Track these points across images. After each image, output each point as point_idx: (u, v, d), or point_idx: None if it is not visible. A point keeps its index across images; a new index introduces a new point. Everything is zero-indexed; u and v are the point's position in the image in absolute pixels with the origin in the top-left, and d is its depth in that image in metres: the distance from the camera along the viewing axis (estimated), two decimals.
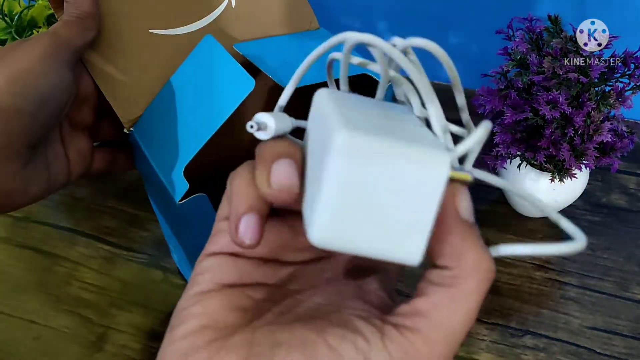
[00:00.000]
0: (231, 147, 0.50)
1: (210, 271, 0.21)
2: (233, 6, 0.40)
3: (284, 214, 0.23)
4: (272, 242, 0.22)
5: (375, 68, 0.22)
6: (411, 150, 0.17)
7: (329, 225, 0.18)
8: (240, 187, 0.20)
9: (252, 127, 0.21)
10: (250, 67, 0.37)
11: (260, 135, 0.21)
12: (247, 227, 0.20)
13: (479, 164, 0.50)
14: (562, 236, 0.54)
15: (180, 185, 0.34)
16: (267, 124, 0.21)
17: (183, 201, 0.34)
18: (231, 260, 0.21)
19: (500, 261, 0.51)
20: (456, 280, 0.18)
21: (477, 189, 0.57)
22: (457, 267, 0.18)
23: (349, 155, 0.17)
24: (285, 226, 0.23)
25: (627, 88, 0.44)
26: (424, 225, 0.18)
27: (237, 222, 0.20)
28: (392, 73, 0.21)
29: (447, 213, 0.18)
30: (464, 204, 0.19)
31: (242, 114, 0.35)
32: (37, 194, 0.35)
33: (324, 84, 0.23)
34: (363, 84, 0.46)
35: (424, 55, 0.20)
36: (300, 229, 0.22)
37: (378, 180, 0.17)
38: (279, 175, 0.19)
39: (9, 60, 0.32)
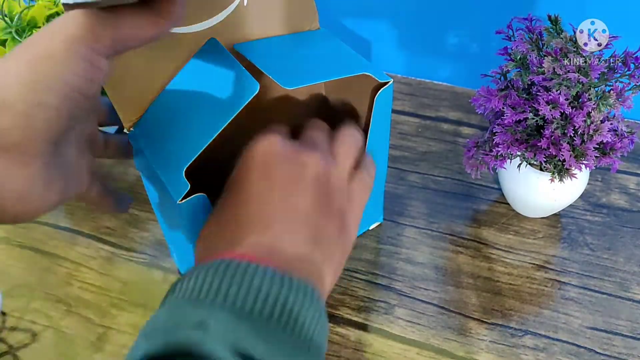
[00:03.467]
0: (231, 149, 0.50)
1: None
2: (245, 4, 0.39)
3: None
4: None
5: None
6: None
7: None
8: None
9: None
10: (249, 68, 0.36)
11: None
12: None
13: (479, 163, 0.50)
14: (562, 236, 0.54)
15: (180, 185, 0.34)
16: None
17: (183, 201, 0.34)
18: None
19: (500, 261, 0.51)
20: None
21: (477, 189, 0.57)
22: None
23: None
24: None
25: (627, 88, 0.44)
26: None
27: None
28: None
29: None
30: None
31: (242, 116, 0.35)
32: (54, 200, 0.30)
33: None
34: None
35: (424, 55, 0.20)
36: None
37: None
38: None
39: (29, 44, 0.27)
